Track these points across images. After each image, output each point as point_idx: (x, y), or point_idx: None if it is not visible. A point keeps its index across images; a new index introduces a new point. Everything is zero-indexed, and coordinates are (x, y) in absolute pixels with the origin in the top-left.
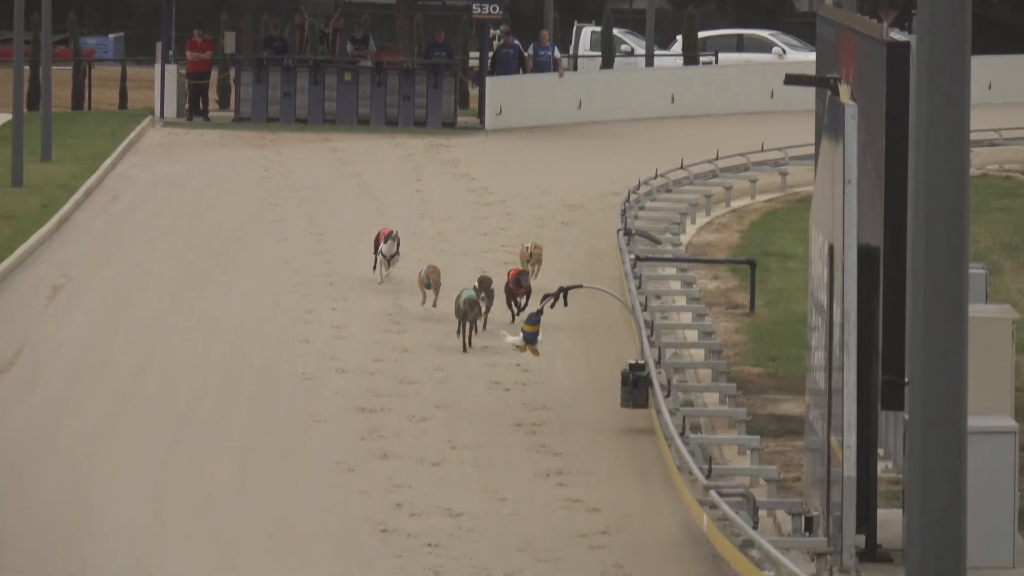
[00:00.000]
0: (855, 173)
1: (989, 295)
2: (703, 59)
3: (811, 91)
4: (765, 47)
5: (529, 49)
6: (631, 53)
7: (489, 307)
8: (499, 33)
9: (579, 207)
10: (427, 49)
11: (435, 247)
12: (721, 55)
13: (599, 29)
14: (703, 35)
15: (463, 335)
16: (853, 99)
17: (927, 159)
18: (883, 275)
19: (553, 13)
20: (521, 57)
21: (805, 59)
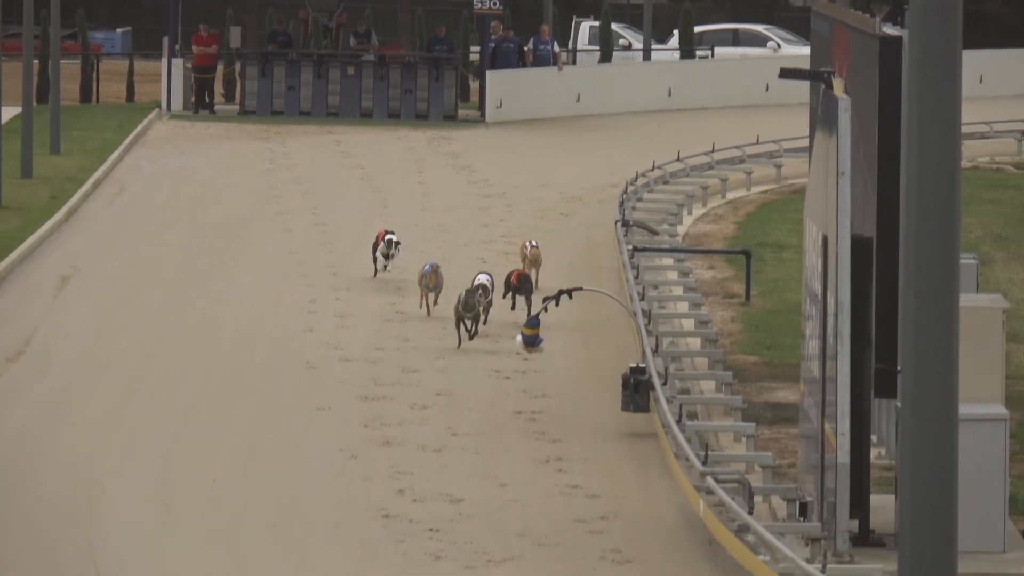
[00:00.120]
0: (848, 165)
1: (980, 285)
2: (699, 53)
3: (805, 85)
4: (760, 42)
5: (529, 43)
6: (629, 48)
7: (488, 306)
8: (498, 28)
9: (578, 199)
10: (428, 43)
11: (436, 238)
12: (717, 49)
13: (597, 24)
14: (699, 30)
15: (459, 333)
16: (846, 93)
17: (919, 151)
18: (876, 265)
19: (552, 8)
20: (521, 51)
21: (800, 53)
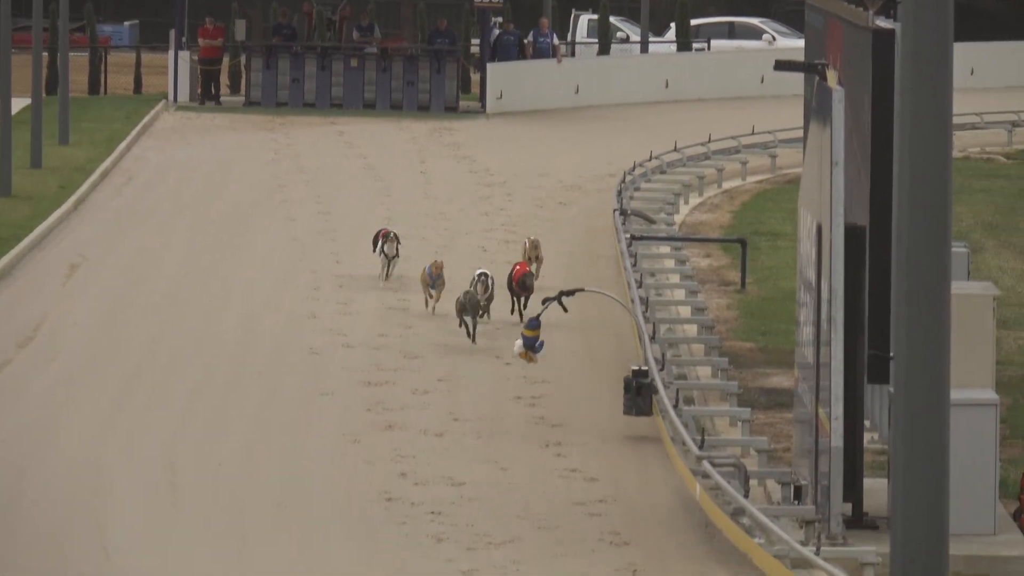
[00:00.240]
0: (842, 155)
1: (971, 272)
2: (696, 46)
3: (800, 76)
4: (756, 34)
5: (529, 36)
6: (627, 40)
7: (489, 304)
8: (498, 22)
9: (577, 188)
10: (430, 36)
11: (438, 226)
12: (713, 42)
13: (596, 17)
14: (696, 23)
15: (466, 328)
16: (840, 84)
17: (911, 142)
18: (869, 253)
19: (552, 2)
20: (521, 44)
21: (794, 46)
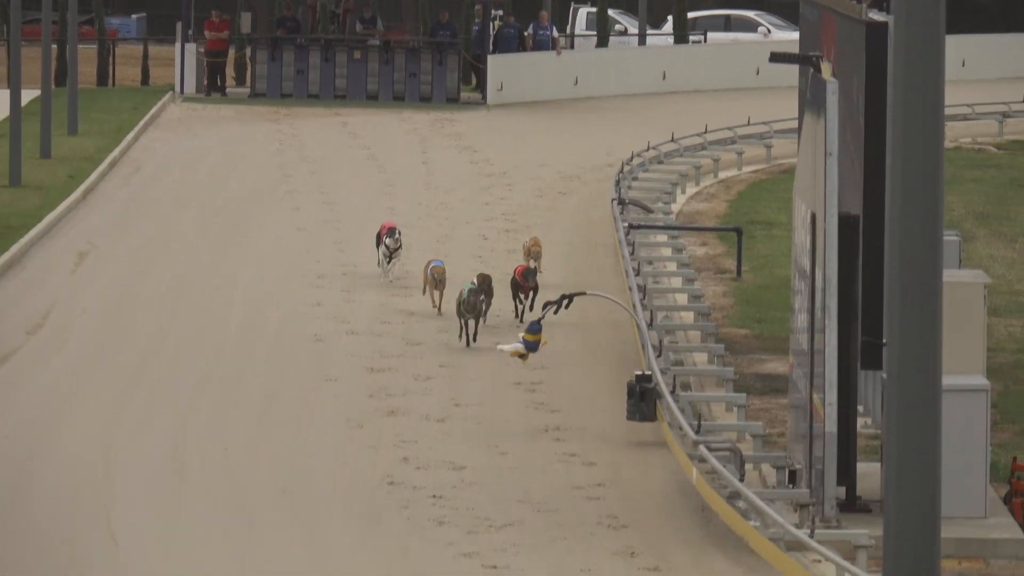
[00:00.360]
0: (836, 146)
1: (962, 261)
2: (693, 38)
3: (795, 68)
4: (751, 27)
5: (529, 29)
6: (624, 33)
7: (488, 305)
8: (499, 15)
9: (576, 178)
10: (432, 28)
11: (439, 215)
12: (710, 34)
13: (594, 10)
14: (692, 15)
15: (465, 332)
16: (834, 76)
17: (904, 133)
18: (862, 242)
19: None
20: (521, 36)
21: (789, 38)
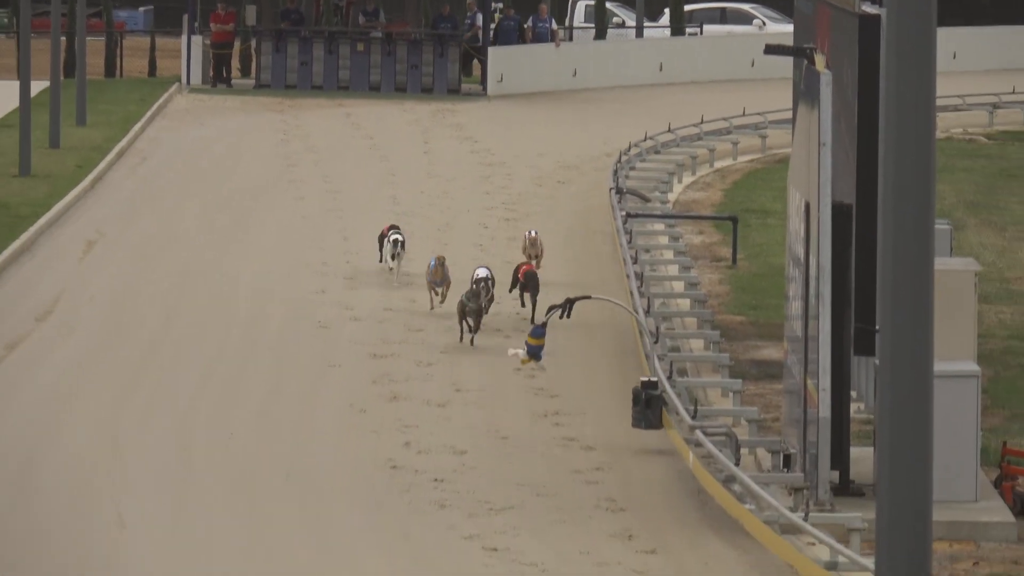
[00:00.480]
0: (830, 136)
1: (954, 249)
2: (689, 30)
3: (789, 60)
4: (747, 19)
5: (528, 21)
6: (622, 25)
7: (488, 305)
8: (500, 8)
9: (574, 167)
10: (434, 21)
11: (440, 204)
12: (706, 27)
13: (593, 2)
14: (689, 8)
15: (462, 327)
16: (828, 68)
17: (896, 123)
18: (855, 230)
19: None
20: (521, 29)
21: (784, 31)
